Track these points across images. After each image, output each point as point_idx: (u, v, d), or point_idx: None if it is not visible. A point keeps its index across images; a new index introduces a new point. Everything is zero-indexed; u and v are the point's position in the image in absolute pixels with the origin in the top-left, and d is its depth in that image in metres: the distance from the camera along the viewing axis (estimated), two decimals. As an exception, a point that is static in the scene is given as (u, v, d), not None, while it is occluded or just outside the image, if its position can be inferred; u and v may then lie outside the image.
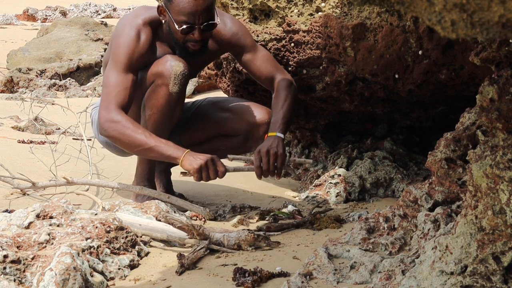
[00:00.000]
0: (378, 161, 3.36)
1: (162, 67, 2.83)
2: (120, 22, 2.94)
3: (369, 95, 3.27)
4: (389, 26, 2.85)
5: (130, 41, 2.82)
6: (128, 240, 2.35)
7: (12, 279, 1.98)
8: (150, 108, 2.87)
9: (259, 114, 3.06)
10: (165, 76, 2.81)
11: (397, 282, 1.73)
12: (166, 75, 2.81)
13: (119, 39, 2.85)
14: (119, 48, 2.83)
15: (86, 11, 16.49)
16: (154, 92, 2.85)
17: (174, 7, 2.77)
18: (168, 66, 2.82)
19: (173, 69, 2.81)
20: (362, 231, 2.06)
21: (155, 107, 2.85)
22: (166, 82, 2.81)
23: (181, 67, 2.82)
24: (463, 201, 1.81)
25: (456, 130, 1.92)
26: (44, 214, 2.34)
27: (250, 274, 2.03)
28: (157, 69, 2.84)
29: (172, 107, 2.86)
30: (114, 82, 2.79)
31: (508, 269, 1.55)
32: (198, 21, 2.77)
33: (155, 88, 2.84)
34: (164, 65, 2.83)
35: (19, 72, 8.34)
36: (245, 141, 3.10)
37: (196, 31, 2.79)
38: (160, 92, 2.83)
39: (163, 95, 2.83)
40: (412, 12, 1.02)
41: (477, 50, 1.81)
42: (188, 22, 2.77)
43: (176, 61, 2.82)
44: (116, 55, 2.82)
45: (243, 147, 3.14)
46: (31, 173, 3.55)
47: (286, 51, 3.24)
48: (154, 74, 2.86)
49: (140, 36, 2.85)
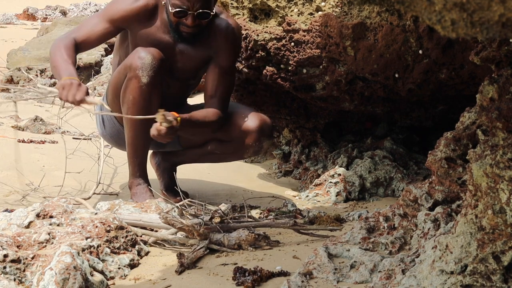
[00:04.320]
0: (378, 160, 3.36)
1: (131, 60, 2.87)
2: None
3: (369, 95, 3.27)
4: (389, 25, 2.85)
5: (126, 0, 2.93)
6: (128, 240, 2.35)
7: (12, 278, 1.98)
8: (126, 103, 2.90)
9: (252, 122, 3.05)
10: (133, 68, 2.85)
11: (397, 281, 1.73)
12: (134, 67, 2.84)
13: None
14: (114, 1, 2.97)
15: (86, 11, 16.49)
16: (126, 86, 2.89)
17: None
18: (136, 58, 2.85)
19: (141, 61, 2.84)
20: (362, 230, 2.06)
21: (130, 101, 2.88)
22: (136, 74, 2.84)
23: (149, 59, 2.84)
24: (463, 201, 1.81)
25: (456, 129, 1.91)
26: (44, 213, 2.34)
27: (250, 274, 2.03)
28: (127, 62, 2.90)
29: (146, 99, 2.86)
30: (88, 21, 2.96)
31: (508, 269, 1.55)
32: (192, 7, 2.79)
33: (127, 82, 2.88)
34: (133, 57, 2.87)
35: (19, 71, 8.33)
36: (237, 148, 3.10)
37: (190, 16, 2.81)
38: (131, 85, 2.86)
39: (135, 87, 2.86)
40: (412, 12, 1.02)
41: (477, 49, 1.81)
42: (182, 6, 2.80)
43: (145, 53, 2.85)
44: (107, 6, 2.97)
45: (237, 153, 3.14)
46: (31, 173, 3.55)
47: (286, 51, 3.24)
48: (125, 67, 2.90)
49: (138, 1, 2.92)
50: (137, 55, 2.86)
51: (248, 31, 3.29)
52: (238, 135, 3.06)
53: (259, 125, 3.03)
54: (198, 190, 3.51)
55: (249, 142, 3.05)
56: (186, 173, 3.70)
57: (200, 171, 3.92)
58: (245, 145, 3.06)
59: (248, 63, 3.39)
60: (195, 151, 3.24)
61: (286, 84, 3.35)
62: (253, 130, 3.03)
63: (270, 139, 3.14)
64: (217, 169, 3.95)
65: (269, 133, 3.11)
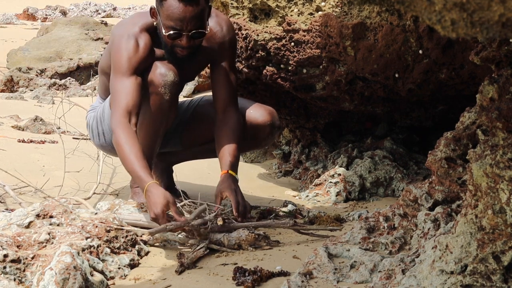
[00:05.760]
0: (378, 160, 3.36)
1: (152, 76, 2.81)
2: (117, 30, 2.92)
3: (369, 95, 3.27)
4: (389, 25, 2.85)
5: (130, 48, 2.82)
6: (128, 240, 2.35)
7: (12, 278, 1.98)
8: (143, 115, 2.86)
9: (262, 116, 3.04)
10: (155, 85, 2.80)
11: (397, 281, 1.73)
12: (156, 84, 2.80)
13: (119, 49, 2.84)
14: (120, 57, 2.82)
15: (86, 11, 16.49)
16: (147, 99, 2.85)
17: (164, 11, 2.76)
18: (158, 75, 2.80)
19: (163, 79, 2.80)
20: (362, 230, 2.06)
21: (148, 114, 2.85)
22: (157, 91, 2.80)
23: (171, 76, 2.80)
24: (463, 201, 1.81)
25: (456, 129, 1.91)
26: (44, 213, 2.34)
27: (250, 274, 2.03)
28: (149, 78, 2.83)
29: (165, 115, 2.86)
30: (119, 87, 2.78)
31: (508, 269, 1.55)
32: (186, 28, 2.75)
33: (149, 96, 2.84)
34: (154, 73, 2.81)
35: (19, 71, 8.34)
36: (247, 142, 3.08)
37: (184, 37, 2.77)
38: (152, 100, 2.83)
39: (155, 103, 2.82)
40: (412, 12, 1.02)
41: (477, 49, 1.81)
42: (176, 28, 2.75)
43: (165, 70, 2.81)
44: (118, 63, 2.82)
45: (244, 147, 3.13)
46: (31, 173, 3.55)
47: (286, 51, 3.24)
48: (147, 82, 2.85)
49: (139, 43, 2.84)
50: (158, 72, 2.81)
51: (248, 31, 3.29)
52: (249, 129, 3.04)
53: (271, 118, 3.03)
54: (198, 191, 3.51)
55: (261, 136, 3.05)
56: (186, 173, 3.70)
57: (200, 171, 3.92)
58: (258, 139, 3.06)
59: (248, 63, 3.39)
60: (195, 149, 3.23)
61: (286, 84, 3.35)
62: (265, 124, 3.03)
63: (280, 130, 3.13)
64: (217, 169, 3.93)
65: (279, 124, 3.11)
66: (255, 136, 3.06)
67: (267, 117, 3.04)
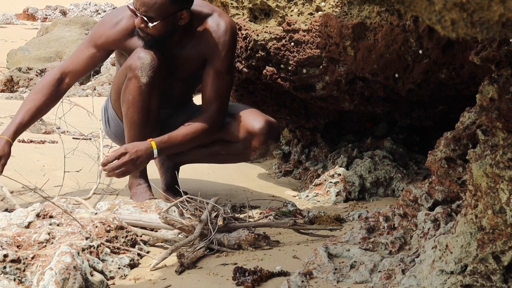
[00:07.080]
0: (378, 160, 3.36)
1: (131, 60, 2.90)
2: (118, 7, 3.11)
3: (369, 95, 3.27)
4: (389, 25, 2.85)
5: (110, 24, 3.00)
6: (128, 240, 2.35)
7: (12, 278, 1.98)
8: (125, 103, 2.94)
9: (258, 123, 3.02)
10: (133, 69, 2.87)
11: (397, 281, 1.73)
12: (133, 67, 2.87)
13: (103, 20, 3.08)
14: (98, 26, 3.07)
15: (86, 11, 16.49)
16: (126, 86, 2.92)
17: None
18: (136, 58, 2.88)
19: (140, 61, 2.87)
20: (362, 230, 2.06)
21: (129, 101, 2.91)
22: (135, 74, 2.87)
23: (149, 59, 2.86)
24: (463, 201, 1.81)
25: (456, 129, 1.91)
26: (44, 213, 2.34)
27: (250, 274, 2.03)
28: (127, 62, 2.92)
29: (145, 100, 2.90)
30: (77, 51, 3.04)
31: (508, 269, 1.55)
32: (137, 8, 2.83)
33: (127, 82, 2.91)
34: (133, 57, 2.90)
35: (19, 71, 8.34)
36: (243, 149, 3.08)
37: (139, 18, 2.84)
38: (131, 86, 2.89)
39: (134, 88, 2.89)
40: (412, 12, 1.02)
41: (477, 49, 1.81)
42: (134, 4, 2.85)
43: (144, 54, 2.88)
44: (93, 31, 3.06)
45: (243, 155, 3.12)
46: (31, 173, 3.55)
47: (286, 51, 3.24)
48: (125, 68, 2.94)
49: (119, 23, 2.97)
50: (136, 55, 2.88)
51: (248, 31, 3.29)
52: (245, 136, 3.03)
53: (266, 128, 3.01)
54: (198, 190, 3.51)
55: (255, 145, 3.03)
56: (186, 173, 3.70)
57: (200, 171, 3.92)
58: (252, 147, 3.04)
59: (248, 63, 3.39)
60: (201, 150, 3.22)
61: (286, 84, 3.35)
62: (260, 132, 3.01)
63: (276, 142, 3.12)
64: (217, 169, 3.94)
65: (276, 136, 3.09)
66: (249, 143, 3.04)
67: (264, 125, 3.01)
